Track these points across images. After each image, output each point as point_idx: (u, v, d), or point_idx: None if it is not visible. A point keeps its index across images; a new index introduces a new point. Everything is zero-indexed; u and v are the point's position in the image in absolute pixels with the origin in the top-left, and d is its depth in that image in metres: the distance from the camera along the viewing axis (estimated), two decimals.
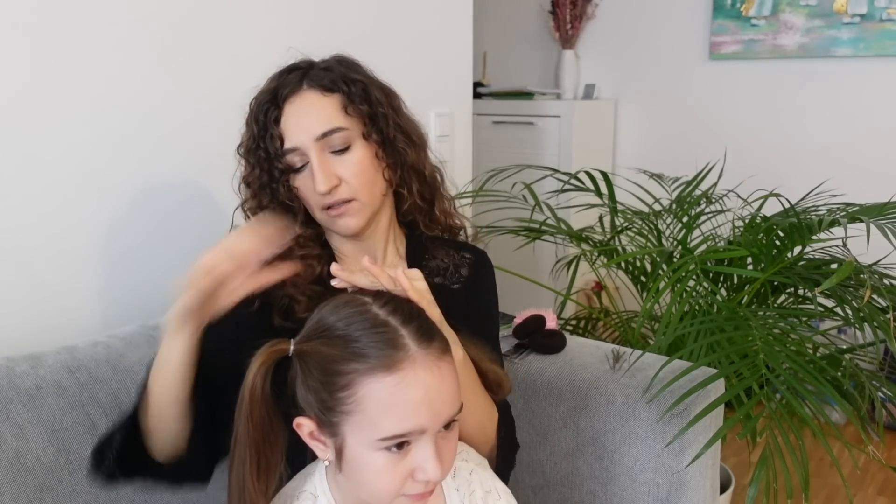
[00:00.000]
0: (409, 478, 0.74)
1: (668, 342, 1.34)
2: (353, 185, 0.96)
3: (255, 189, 0.99)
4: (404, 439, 0.72)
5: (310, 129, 0.95)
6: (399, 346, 0.72)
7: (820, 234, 1.49)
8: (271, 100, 0.97)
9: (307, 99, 0.96)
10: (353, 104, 0.97)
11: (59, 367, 1.05)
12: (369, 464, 0.74)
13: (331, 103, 0.96)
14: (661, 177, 2.07)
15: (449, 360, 0.76)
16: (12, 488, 0.94)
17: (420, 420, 0.72)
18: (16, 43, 1.13)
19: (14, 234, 1.16)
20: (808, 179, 2.29)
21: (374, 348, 0.72)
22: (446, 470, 0.77)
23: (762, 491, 1.14)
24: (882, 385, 1.51)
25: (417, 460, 0.73)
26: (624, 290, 2.19)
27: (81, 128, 1.22)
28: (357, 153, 0.97)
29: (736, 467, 2.31)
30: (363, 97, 0.98)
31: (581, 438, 1.28)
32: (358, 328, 0.74)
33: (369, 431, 0.72)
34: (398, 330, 0.74)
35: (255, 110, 0.97)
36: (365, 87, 0.99)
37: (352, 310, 0.76)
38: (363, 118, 0.97)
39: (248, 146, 0.98)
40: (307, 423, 0.77)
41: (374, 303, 0.76)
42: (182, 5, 1.32)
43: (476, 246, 1.14)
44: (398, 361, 0.72)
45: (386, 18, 1.71)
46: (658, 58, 3.12)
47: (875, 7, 2.63)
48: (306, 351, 0.76)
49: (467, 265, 1.10)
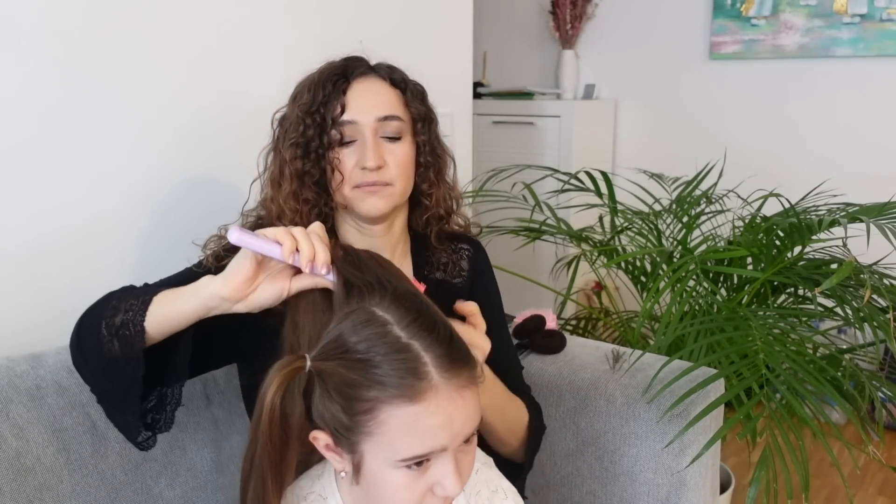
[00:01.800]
0: (428, 493, 0.73)
1: (668, 342, 1.34)
2: (395, 171, 1.01)
3: (300, 152, 1.00)
4: (424, 458, 0.72)
5: (373, 109, 1.00)
6: (421, 376, 0.69)
7: (820, 234, 1.49)
8: (341, 73, 1.01)
9: (375, 83, 1.02)
10: (414, 102, 1.04)
11: (59, 367, 1.05)
12: (388, 481, 0.73)
13: (395, 94, 1.03)
14: (661, 177, 2.07)
15: (474, 386, 0.74)
16: (12, 488, 0.94)
17: (440, 441, 0.71)
18: (15, 43, 1.13)
19: (14, 234, 1.16)
20: (808, 179, 2.29)
21: (394, 377, 0.69)
22: (464, 483, 0.76)
23: (762, 491, 1.14)
24: (882, 385, 1.51)
25: (437, 476, 0.73)
26: (624, 290, 2.19)
27: (82, 127, 1.22)
28: (405, 146, 1.02)
29: (736, 467, 2.32)
30: (421, 99, 1.06)
31: (581, 438, 1.28)
32: (379, 353, 0.70)
33: (389, 453, 0.71)
34: (420, 357, 0.70)
35: (323, 78, 1.01)
36: (423, 93, 1.07)
37: (372, 331, 0.71)
38: (418, 117, 1.04)
39: (307, 108, 1.00)
40: (323, 436, 0.76)
41: (396, 323, 0.72)
42: (184, 6, 1.32)
43: (470, 235, 1.17)
44: (420, 392, 0.69)
45: (386, 18, 1.71)
46: (658, 58, 3.12)
47: (875, 7, 2.63)
48: (325, 371, 0.73)
49: (466, 257, 1.14)
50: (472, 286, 1.13)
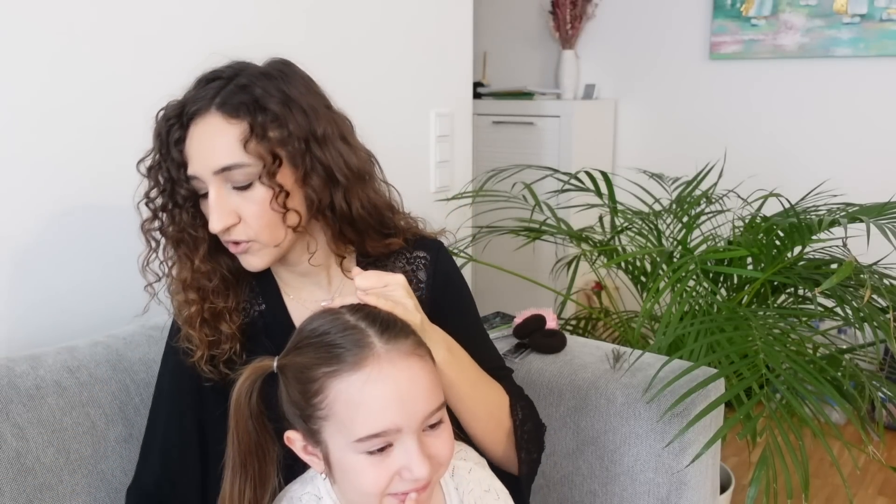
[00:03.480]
0: (395, 477, 0.74)
1: (668, 342, 1.34)
2: (252, 226, 0.88)
3: (155, 210, 0.92)
4: (382, 440, 0.72)
5: (209, 161, 0.86)
6: (364, 345, 0.74)
7: (820, 234, 1.49)
8: (177, 116, 0.88)
9: (211, 124, 0.86)
10: (256, 139, 0.85)
11: (59, 367, 1.05)
12: (352, 467, 0.74)
13: (233, 133, 0.85)
14: (661, 177, 2.07)
15: (420, 356, 0.76)
16: (12, 488, 0.94)
17: (392, 418, 0.72)
18: (15, 43, 1.13)
19: (14, 234, 1.16)
20: (808, 179, 2.29)
21: (342, 349, 0.74)
22: (439, 467, 0.77)
23: (762, 491, 1.14)
24: (882, 385, 1.51)
25: (402, 460, 0.73)
26: (624, 290, 2.19)
27: (81, 127, 1.22)
28: (258, 192, 0.87)
29: (736, 467, 2.32)
30: (277, 125, 0.86)
31: (581, 438, 1.28)
32: (332, 331, 0.76)
33: (345, 434, 0.73)
34: (365, 330, 0.75)
35: (160, 126, 0.89)
36: (280, 115, 0.86)
37: (327, 318, 0.78)
38: (269, 153, 0.86)
39: (151, 163, 0.90)
40: (296, 436, 0.79)
41: (347, 311, 0.78)
42: (174, 4, 1.32)
43: (429, 237, 1.05)
44: (363, 359, 0.73)
45: (386, 19, 1.71)
46: (658, 58, 3.13)
47: (875, 7, 2.63)
48: (286, 364, 0.77)
49: (423, 267, 1.03)
50: (435, 295, 1.02)
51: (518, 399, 1.01)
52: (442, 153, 1.91)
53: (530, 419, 1.01)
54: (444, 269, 1.05)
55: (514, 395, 1.01)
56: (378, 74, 1.71)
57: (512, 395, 1.01)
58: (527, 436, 0.99)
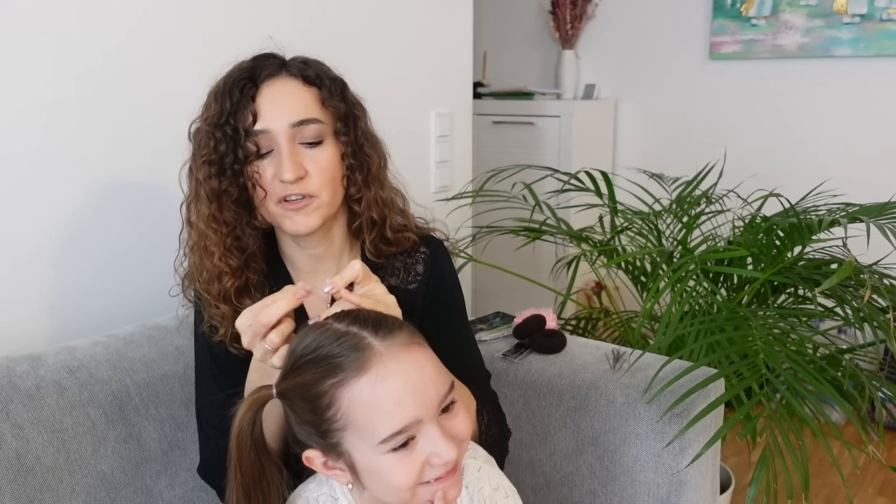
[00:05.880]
0: (425, 466, 0.74)
1: (668, 342, 1.34)
2: (318, 181, 0.93)
3: (213, 170, 0.92)
4: (405, 435, 0.72)
5: (286, 115, 0.91)
6: (363, 347, 0.73)
7: (820, 234, 1.49)
8: (249, 77, 0.92)
9: (287, 84, 0.93)
10: (332, 99, 0.95)
11: (59, 367, 1.05)
12: (381, 468, 0.74)
13: (310, 94, 0.94)
14: (661, 177, 2.07)
15: (419, 343, 0.77)
16: (12, 488, 0.94)
17: (410, 411, 0.72)
18: (15, 43, 1.13)
19: (14, 234, 1.16)
20: (808, 179, 2.29)
21: (341, 357, 0.73)
22: (462, 443, 0.77)
23: (762, 491, 1.14)
24: (882, 385, 1.51)
25: (428, 448, 0.73)
26: (624, 290, 2.19)
27: (82, 128, 1.22)
28: (328, 150, 0.94)
29: (736, 467, 2.32)
30: (340, 95, 0.96)
31: (581, 438, 1.28)
32: (325, 343, 0.75)
33: (368, 439, 0.72)
34: (358, 333, 0.75)
35: (229, 85, 0.92)
36: (343, 86, 0.98)
37: (315, 333, 0.77)
38: (338, 116, 0.95)
39: (216, 121, 0.91)
40: (315, 454, 0.78)
41: (334, 321, 0.77)
42: (184, 4, 1.32)
43: (432, 235, 1.09)
44: (365, 361, 0.72)
45: (386, 19, 1.71)
46: (658, 58, 3.12)
47: (875, 7, 2.63)
48: (286, 388, 0.77)
49: (422, 261, 1.07)
50: (429, 289, 1.06)
51: (485, 403, 1.03)
52: (442, 153, 1.91)
53: (496, 424, 1.03)
54: (441, 265, 1.08)
55: (482, 400, 1.03)
56: (378, 74, 1.71)
57: (480, 399, 1.02)
58: (490, 440, 1.01)
